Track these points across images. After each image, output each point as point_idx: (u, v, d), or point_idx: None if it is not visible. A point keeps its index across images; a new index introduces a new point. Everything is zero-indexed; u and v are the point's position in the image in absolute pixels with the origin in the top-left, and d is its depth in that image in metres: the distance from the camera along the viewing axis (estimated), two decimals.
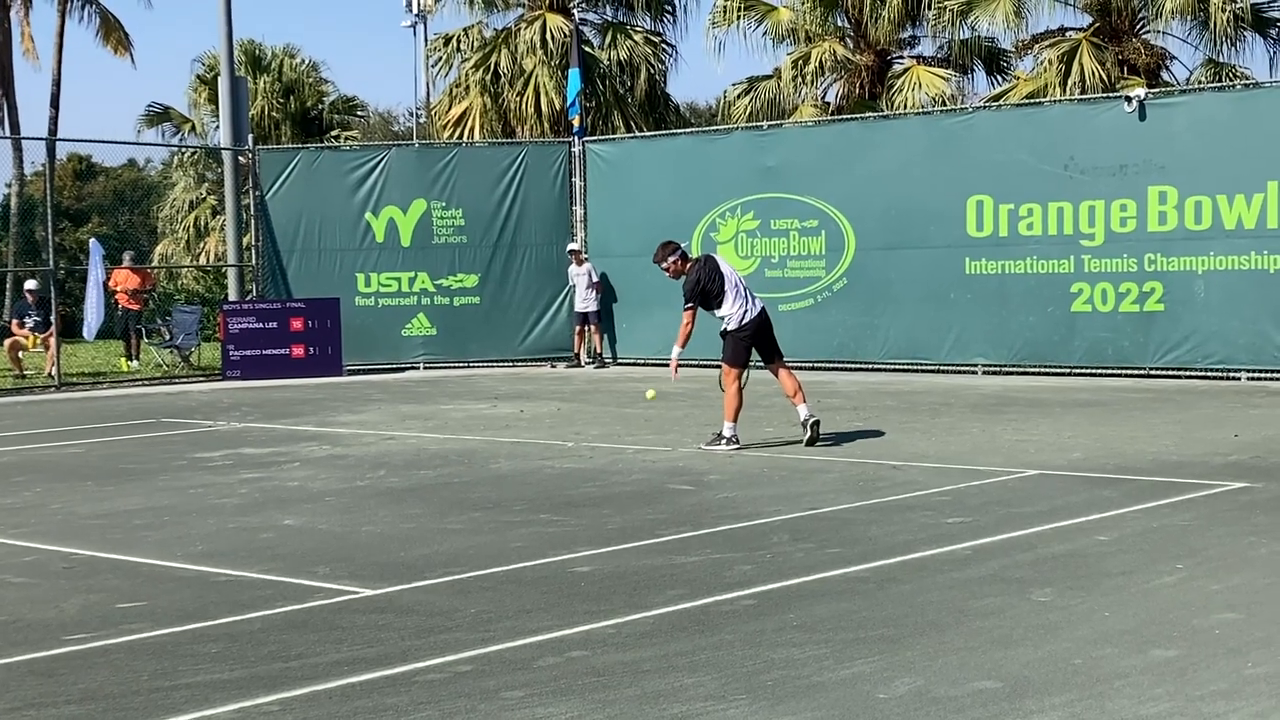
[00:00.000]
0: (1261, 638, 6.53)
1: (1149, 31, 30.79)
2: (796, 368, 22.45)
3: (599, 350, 25.02)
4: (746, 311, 13.54)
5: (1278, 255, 19.29)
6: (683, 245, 14.13)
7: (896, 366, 22.22)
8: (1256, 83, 23.61)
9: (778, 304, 23.31)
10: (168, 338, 26.61)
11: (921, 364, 22.06)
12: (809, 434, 13.53)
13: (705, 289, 13.53)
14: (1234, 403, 16.77)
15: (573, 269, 24.79)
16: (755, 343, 13.66)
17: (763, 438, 14.29)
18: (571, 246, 24.96)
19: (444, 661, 6.46)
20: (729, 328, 13.59)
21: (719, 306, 13.55)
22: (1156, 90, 22.75)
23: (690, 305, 13.55)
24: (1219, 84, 26.31)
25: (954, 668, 6.18)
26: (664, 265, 13.80)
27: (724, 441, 13.47)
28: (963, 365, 21.70)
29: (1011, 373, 21.16)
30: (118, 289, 26.81)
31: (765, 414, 16.49)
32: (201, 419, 17.80)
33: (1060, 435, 14.09)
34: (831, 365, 22.69)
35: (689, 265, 13.75)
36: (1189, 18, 29.54)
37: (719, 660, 6.37)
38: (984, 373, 21.39)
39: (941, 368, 21.86)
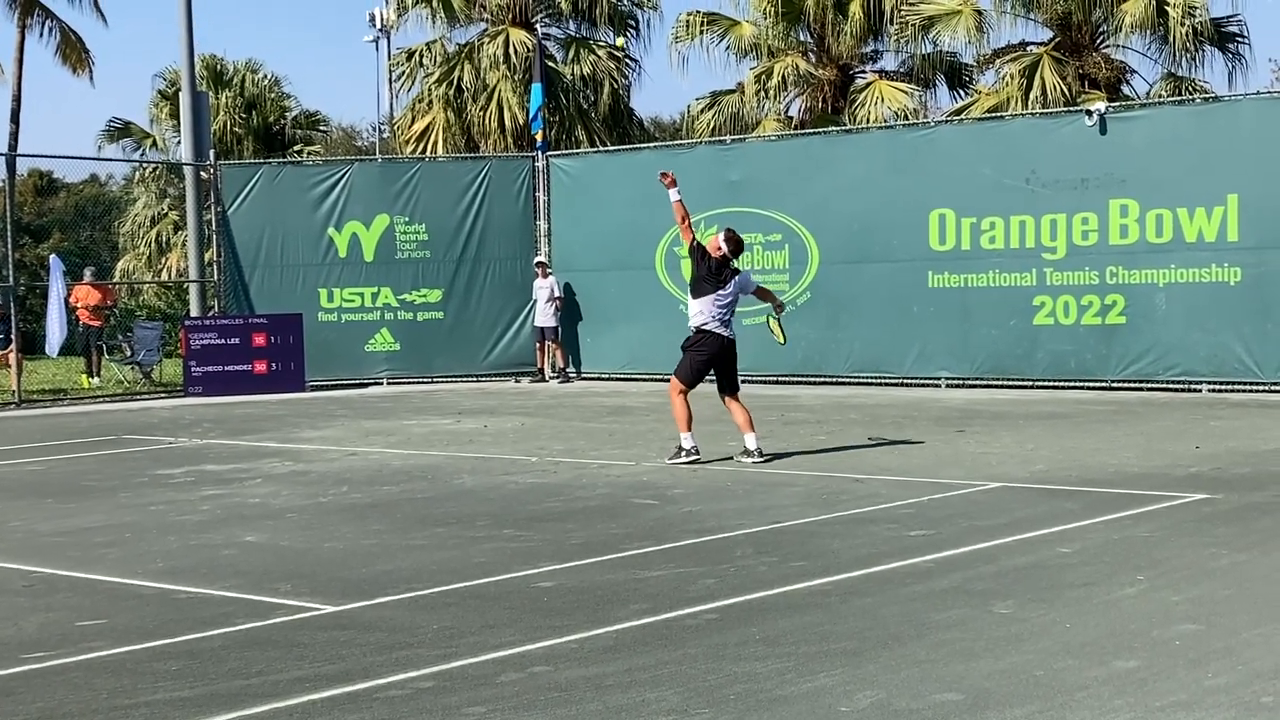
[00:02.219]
0: (1221, 649, 6.55)
1: (1109, 46, 31.01)
2: (761, 381, 22.57)
3: (561, 365, 25.00)
4: (712, 324, 13.48)
5: (1238, 268, 19.42)
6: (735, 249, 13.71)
7: (860, 380, 22.27)
8: (1216, 96, 23.79)
9: (742, 318, 23.16)
10: (129, 354, 26.49)
11: (885, 377, 22.12)
12: (750, 460, 13.49)
13: (708, 263, 13.44)
14: (1195, 415, 16.86)
15: (537, 282, 24.77)
16: (712, 367, 13.64)
17: (727, 451, 14.29)
18: (537, 259, 24.95)
19: (406, 678, 6.43)
20: (691, 331, 13.55)
21: (697, 295, 13.48)
22: (1117, 104, 22.89)
23: (691, 234, 13.66)
24: (1179, 98, 26.50)
25: (916, 680, 6.18)
26: (721, 241, 13.52)
27: (683, 454, 13.49)
28: (926, 378, 21.76)
29: (974, 386, 21.23)
30: (79, 305, 26.68)
31: (729, 428, 16.50)
32: (163, 435, 17.70)
33: (1023, 448, 14.14)
34: (795, 379, 22.74)
35: (720, 252, 13.50)
36: (1149, 32, 29.75)
37: (682, 674, 6.35)
38: (947, 386, 21.45)
39: (905, 381, 21.92)
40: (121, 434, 18.07)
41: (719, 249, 13.52)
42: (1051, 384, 20.69)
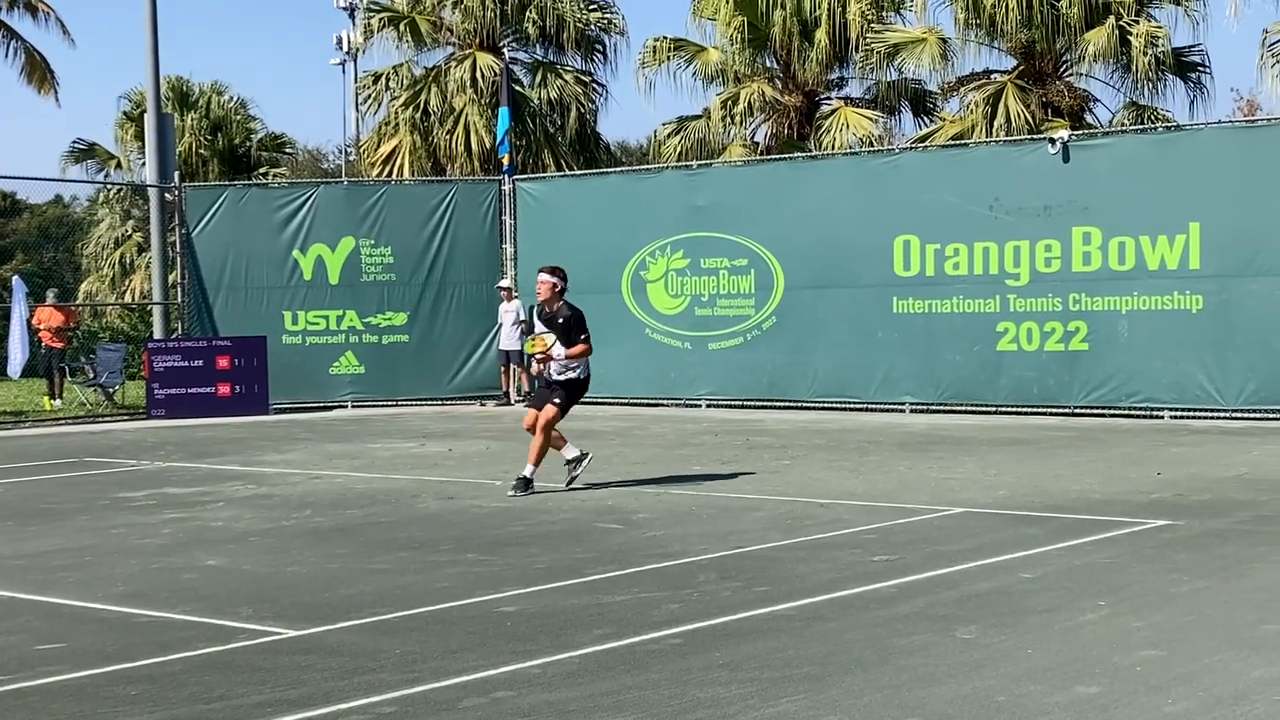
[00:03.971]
0: (1182, 675, 6.58)
1: (1073, 74, 31.23)
2: (725, 406, 22.59)
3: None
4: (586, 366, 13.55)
5: (1200, 295, 19.55)
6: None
7: (825, 405, 22.31)
8: (1178, 125, 23.96)
9: (707, 342, 23.46)
10: (92, 376, 26.35)
11: (850, 402, 22.16)
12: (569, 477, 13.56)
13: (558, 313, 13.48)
14: (1157, 441, 16.95)
15: (503, 305, 24.74)
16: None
17: (690, 473, 14.30)
18: (502, 283, 24.92)
19: (368, 703, 6.40)
20: (578, 376, 13.45)
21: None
22: (1080, 132, 23.04)
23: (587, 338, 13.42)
24: (1141, 126, 26.68)
25: (879, 705, 6.19)
26: (553, 281, 13.57)
27: (525, 484, 13.21)
28: (891, 404, 21.82)
29: (939, 411, 21.30)
30: (41, 327, 26.54)
31: (695, 452, 16.53)
32: (125, 458, 17.61)
33: (986, 473, 14.19)
34: (761, 404, 22.78)
35: (561, 301, 13.56)
36: (1112, 61, 29.99)
37: (645, 700, 6.35)
38: (912, 411, 21.51)
39: (869, 406, 21.97)
40: (83, 456, 17.97)
41: (553, 294, 13.51)
42: (1015, 410, 20.77)
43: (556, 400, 13.28)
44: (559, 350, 13.34)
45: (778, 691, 6.44)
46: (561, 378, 13.38)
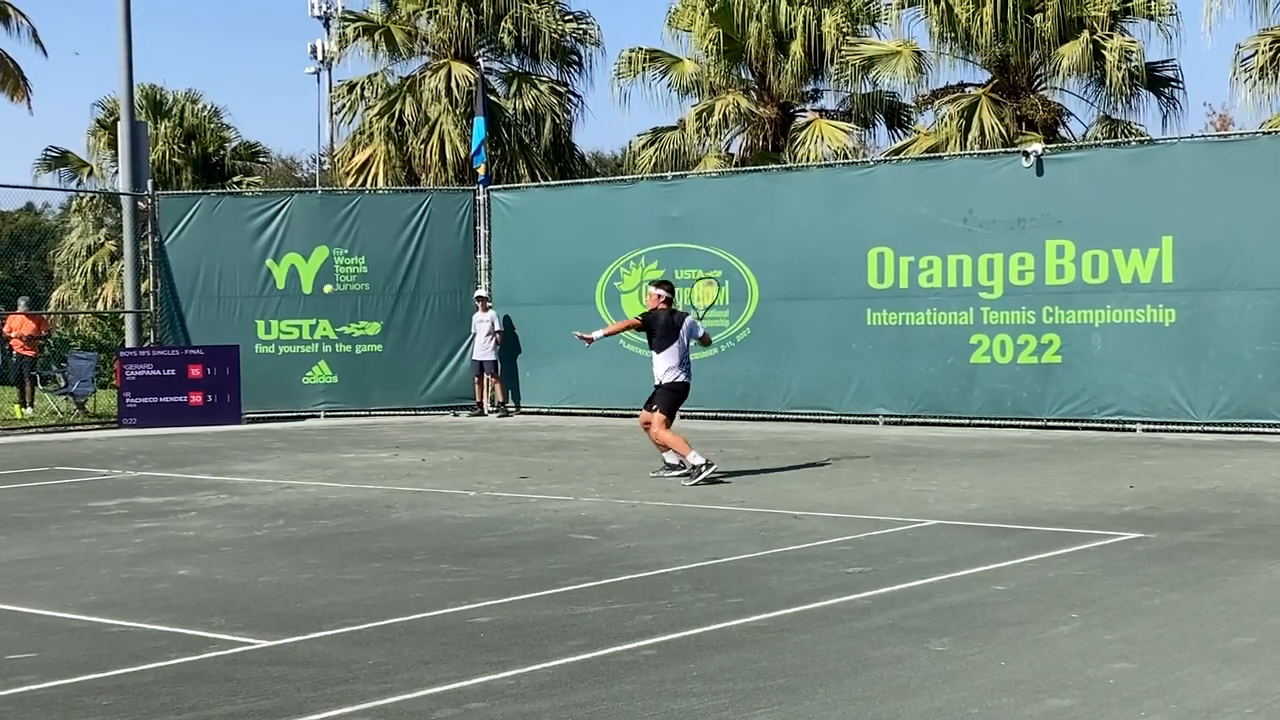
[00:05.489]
0: (1154, 687, 6.60)
1: (1046, 88, 31.36)
2: (700, 417, 22.60)
3: (500, 399, 24.96)
4: (682, 372, 14.92)
5: (1172, 309, 19.64)
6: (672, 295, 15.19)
7: (799, 416, 22.35)
8: (1151, 139, 24.08)
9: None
10: (63, 384, 26.22)
11: (823, 414, 22.20)
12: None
13: (653, 322, 14.88)
14: (1129, 454, 17.01)
15: (477, 315, 24.72)
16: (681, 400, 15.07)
17: (664, 484, 14.30)
18: (478, 293, 24.90)
19: (341, 713, 6.38)
20: (666, 380, 14.83)
21: (658, 351, 14.83)
22: (1054, 146, 23.13)
23: (631, 322, 15.63)
24: (1114, 140, 26.80)
25: (852, 717, 6.19)
26: (659, 292, 15.00)
27: (704, 468, 14.41)
28: (864, 415, 21.85)
29: (912, 423, 21.34)
30: (12, 335, 26.42)
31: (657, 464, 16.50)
32: (96, 467, 17.53)
33: (959, 485, 14.21)
34: (734, 415, 22.79)
35: (665, 306, 14.98)
36: (1086, 75, 30.13)
37: (618, 711, 6.34)
38: (885, 423, 21.55)
39: (843, 418, 22.01)
40: (54, 465, 17.88)
41: (659, 297, 14.89)
42: (988, 422, 20.83)
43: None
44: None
45: (751, 703, 6.43)
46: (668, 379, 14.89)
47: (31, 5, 76.50)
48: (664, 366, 14.82)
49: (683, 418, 23.18)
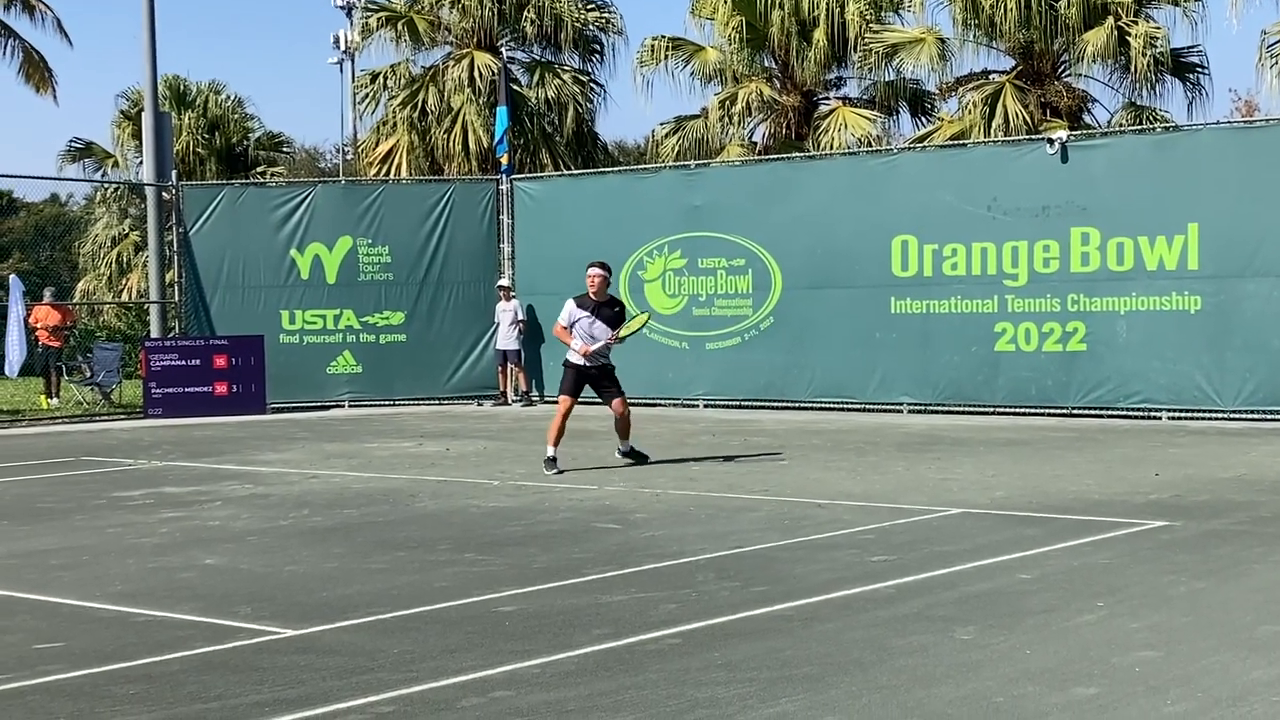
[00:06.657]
0: (1180, 675, 6.58)
1: (1071, 75, 31.22)
2: (723, 405, 22.62)
3: (524, 388, 24.98)
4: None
5: (1198, 296, 19.56)
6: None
7: (823, 405, 22.31)
8: (1176, 126, 23.96)
9: (705, 342, 23.47)
10: (89, 375, 26.31)
11: (847, 403, 22.16)
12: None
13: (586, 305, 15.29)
14: (1155, 442, 16.95)
15: (500, 305, 24.74)
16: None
17: (688, 473, 14.30)
18: (501, 282, 24.92)
19: (366, 702, 6.40)
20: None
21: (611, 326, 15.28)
22: (1078, 133, 23.05)
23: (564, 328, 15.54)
24: (1139, 127, 26.68)
25: (877, 706, 6.19)
26: (605, 275, 15.38)
27: (552, 462, 14.89)
28: (888, 404, 21.81)
29: (936, 411, 21.29)
30: (38, 326, 26.50)
31: (692, 452, 16.52)
32: (122, 457, 17.59)
33: (984, 474, 14.18)
34: (758, 404, 22.77)
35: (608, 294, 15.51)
36: (1110, 62, 30.00)
37: (643, 700, 6.34)
38: (909, 412, 21.51)
39: (867, 407, 21.96)
40: (80, 455, 17.96)
41: (602, 285, 15.32)
42: (1012, 410, 20.77)
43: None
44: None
45: (776, 692, 6.43)
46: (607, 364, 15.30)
47: None
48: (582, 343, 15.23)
49: (708, 406, 23.25)
